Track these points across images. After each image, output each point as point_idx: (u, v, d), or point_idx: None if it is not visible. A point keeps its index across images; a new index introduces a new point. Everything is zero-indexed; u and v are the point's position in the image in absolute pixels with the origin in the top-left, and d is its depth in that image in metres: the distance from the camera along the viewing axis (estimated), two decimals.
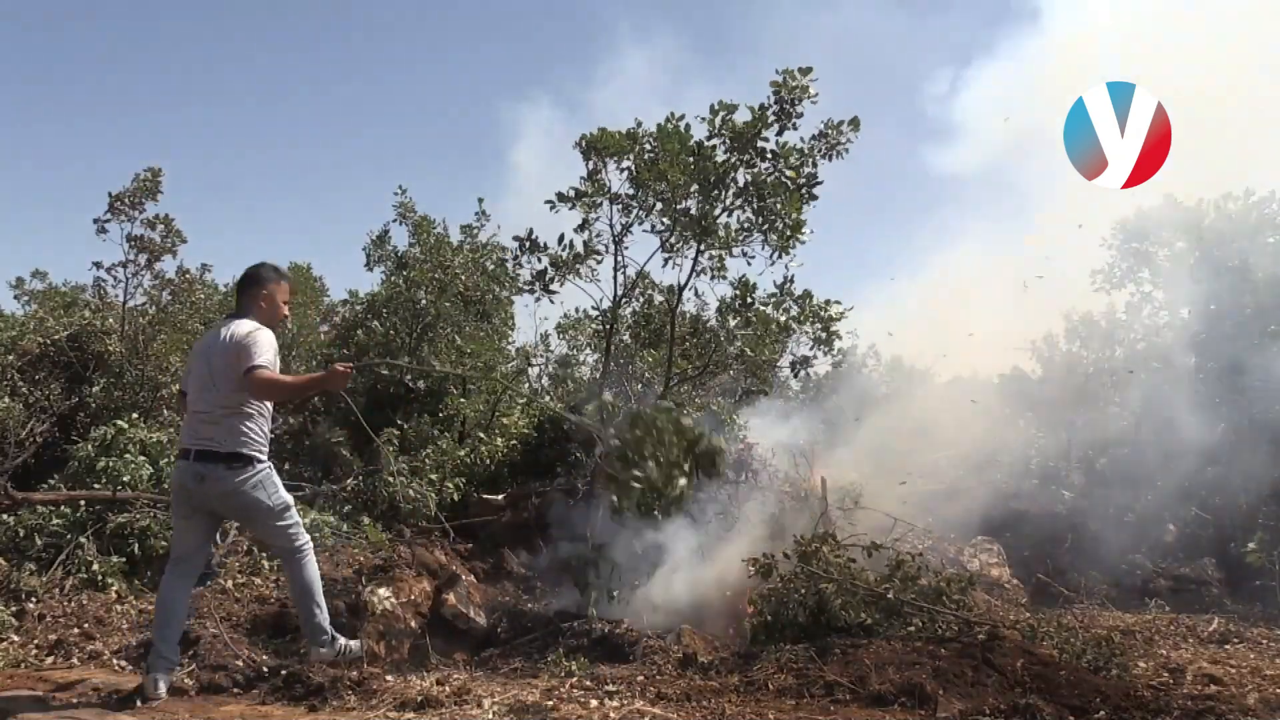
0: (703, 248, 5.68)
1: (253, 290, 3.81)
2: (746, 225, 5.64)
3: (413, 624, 4.68)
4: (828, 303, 5.50)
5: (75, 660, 4.12)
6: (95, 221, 7.60)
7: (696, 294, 6.81)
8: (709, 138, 5.46)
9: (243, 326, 3.67)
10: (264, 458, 3.67)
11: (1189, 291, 9.10)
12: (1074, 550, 7.05)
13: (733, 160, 5.46)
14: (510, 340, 9.64)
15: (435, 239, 8.60)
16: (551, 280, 5.71)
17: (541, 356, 10.08)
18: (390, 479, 6.51)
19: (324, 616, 3.80)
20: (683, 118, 5.48)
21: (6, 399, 6.79)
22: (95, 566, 5.06)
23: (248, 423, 3.64)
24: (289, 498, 3.76)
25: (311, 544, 3.85)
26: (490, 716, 3.31)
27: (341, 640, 3.86)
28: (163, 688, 3.47)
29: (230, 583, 5.10)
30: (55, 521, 5.34)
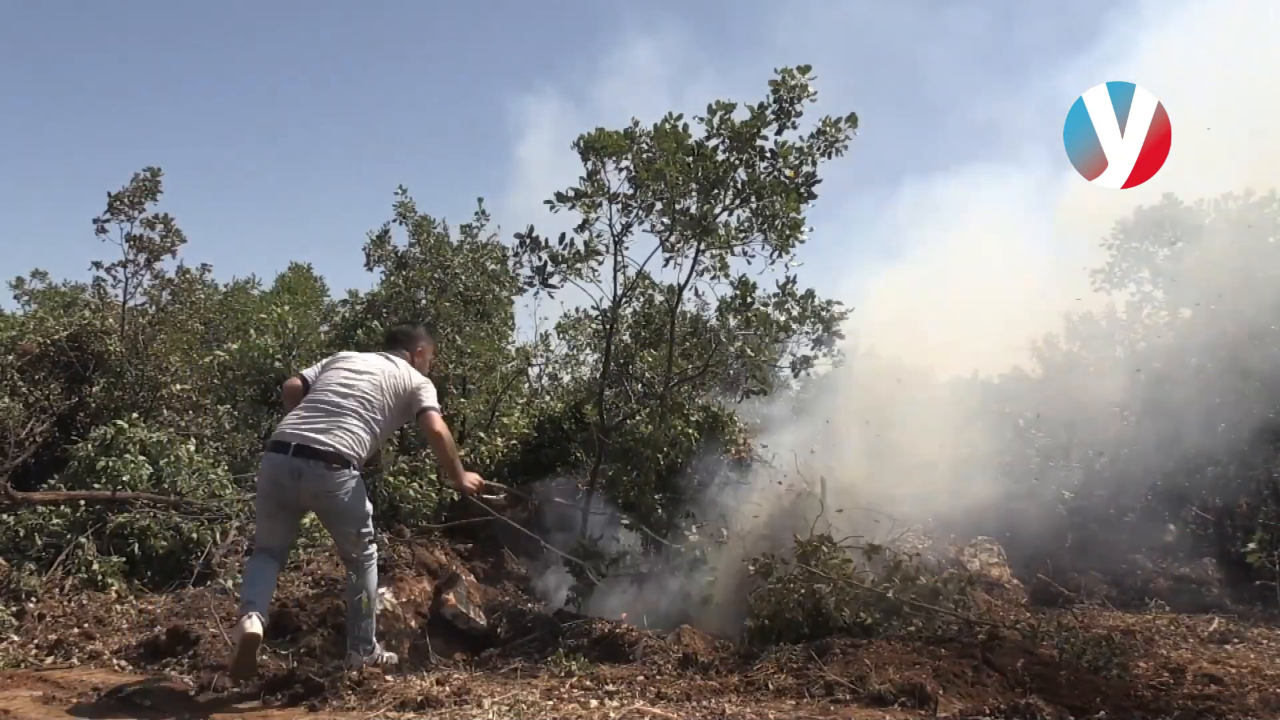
0: (703, 247, 5.68)
1: (420, 345, 4.26)
2: (746, 224, 5.64)
3: (413, 624, 4.68)
4: (829, 303, 5.49)
5: (75, 660, 4.12)
6: (95, 221, 7.62)
7: (697, 294, 6.81)
8: (708, 137, 5.46)
9: (414, 372, 4.04)
10: (360, 469, 3.80)
11: (1189, 291, 9.10)
12: (1074, 550, 7.04)
13: (731, 160, 5.46)
14: (510, 340, 9.65)
15: (435, 239, 8.61)
16: (551, 275, 5.71)
17: (541, 356, 10.09)
18: (390, 479, 6.51)
19: (371, 625, 3.89)
20: (680, 117, 5.48)
21: (6, 399, 6.79)
22: (95, 566, 5.06)
23: (368, 434, 3.78)
24: (371, 509, 3.90)
25: (377, 557, 4.00)
26: (490, 716, 3.31)
27: (379, 649, 3.93)
28: (255, 621, 3.52)
29: (230, 583, 5.10)
30: (55, 521, 5.34)
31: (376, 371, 3.90)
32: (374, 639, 3.91)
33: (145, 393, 7.46)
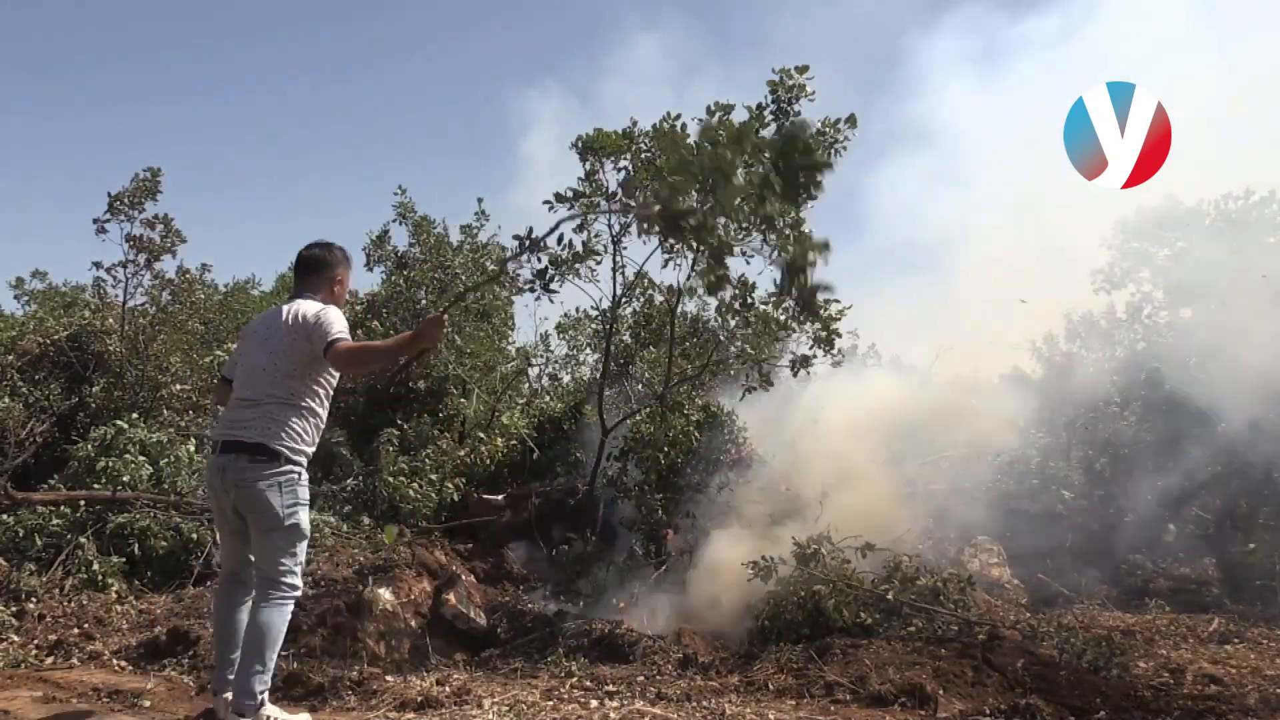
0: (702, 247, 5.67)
1: (323, 273, 3.47)
2: (745, 225, 5.63)
3: (413, 624, 4.68)
4: (828, 302, 5.48)
5: (75, 660, 4.12)
6: (95, 221, 7.61)
7: (697, 294, 6.80)
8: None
9: (308, 305, 3.32)
10: (298, 460, 3.22)
11: (1189, 291, 9.10)
12: (1074, 550, 7.04)
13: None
14: (510, 340, 9.65)
15: (435, 239, 8.61)
16: (551, 279, 5.71)
17: (541, 356, 10.09)
18: (390, 479, 6.51)
19: (265, 681, 3.12)
20: (679, 117, 5.48)
21: (6, 399, 6.79)
22: (95, 566, 5.06)
23: (294, 417, 3.23)
24: (305, 523, 3.24)
25: (297, 596, 3.26)
26: (490, 716, 3.31)
27: (270, 711, 3.15)
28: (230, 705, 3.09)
29: None
30: (55, 521, 5.34)
31: (275, 335, 3.30)
32: (262, 697, 3.12)
33: (145, 393, 7.45)
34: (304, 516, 3.23)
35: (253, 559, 3.26)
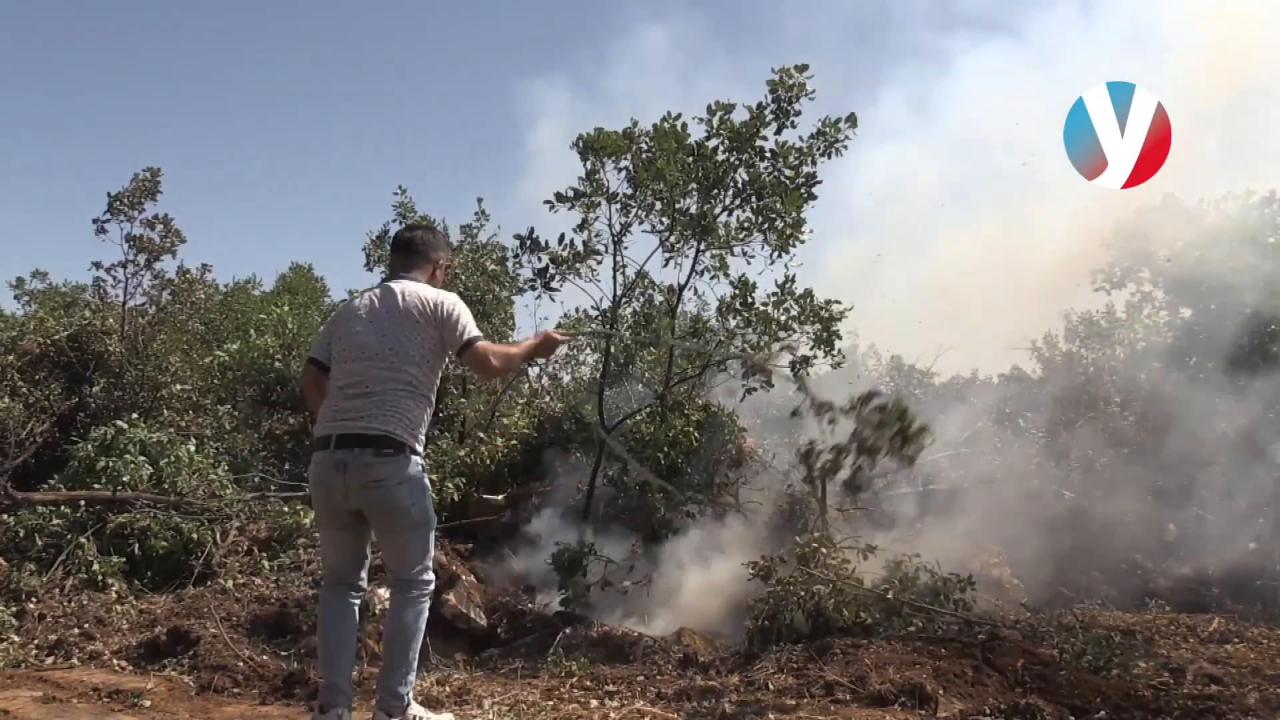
0: (703, 247, 5.68)
1: (428, 254, 3.28)
2: (746, 225, 5.64)
3: None
4: (828, 302, 5.49)
5: (75, 660, 4.12)
6: (95, 222, 7.63)
7: (696, 294, 6.81)
8: (707, 137, 5.46)
9: (428, 291, 3.12)
10: (420, 451, 3.06)
11: (1189, 291, 9.11)
12: (1074, 550, 7.04)
13: (731, 160, 5.46)
14: (510, 340, 9.64)
15: None
16: (552, 278, 5.71)
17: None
18: None
19: (410, 679, 3.03)
20: (679, 117, 5.49)
21: (6, 399, 6.80)
22: (95, 566, 5.06)
23: (414, 406, 3.03)
24: (434, 518, 3.12)
25: (432, 589, 3.14)
26: (490, 716, 3.31)
27: (416, 710, 3.07)
28: None
29: (230, 583, 5.10)
30: (55, 521, 5.34)
31: (390, 319, 3.08)
32: (409, 694, 3.05)
33: (145, 393, 7.46)
34: (431, 507, 3.11)
35: (366, 558, 3.14)
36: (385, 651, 3.08)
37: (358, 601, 3.15)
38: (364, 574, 3.16)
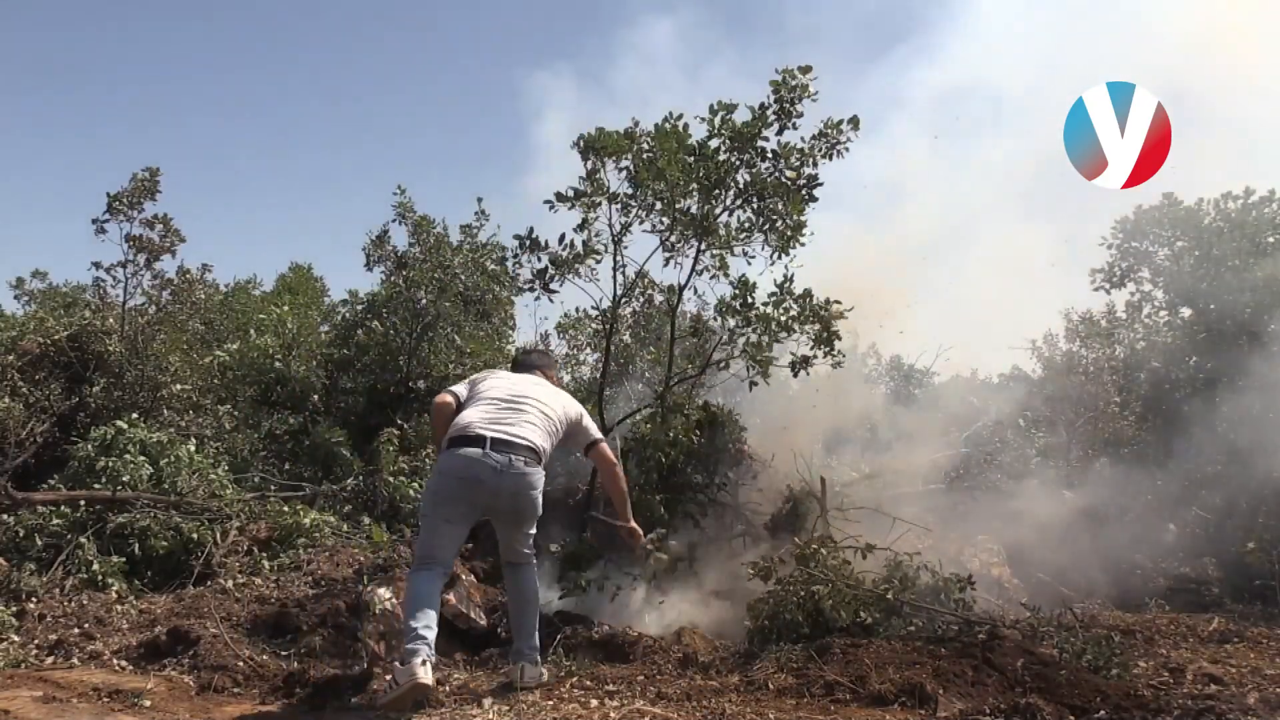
0: (703, 247, 5.67)
1: (553, 371, 4.20)
2: (747, 225, 5.64)
3: None
4: (828, 302, 5.48)
5: (75, 660, 4.11)
6: (94, 222, 7.61)
7: (696, 293, 6.80)
8: (709, 137, 5.46)
9: (572, 402, 3.90)
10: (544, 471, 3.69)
11: (1189, 291, 9.11)
12: (1074, 550, 7.04)
13: (733, 160, 5.45)
14: (510, 340, 9.65)
15: (435, 239, 8.61)
16: (552, 279, 5.71)
17: None
18: (390, 479, 6.51)
19: (538, 634, 3.76)
20: (680, 117, 5.48)
21: (6, 399, 6.79)
22: (95, 566, 5.06)
23: (548, 444, 3.66)
24: None
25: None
26: (490, 716, 3.31)
27: (540, 663, 3.77)
28: (430, 668, 3.27)
29: (230, 583, 5.10)
30: (55, 521, 5.34)
31: (539, 389, 3.81)
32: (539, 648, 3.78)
33: (145, 393, 7.45)
34: None
35: (459, 544, 3.69)
36: (515, 617, 3.76)
37: (444, 581, 3.68)
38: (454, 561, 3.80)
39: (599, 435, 3.89)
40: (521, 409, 3.63)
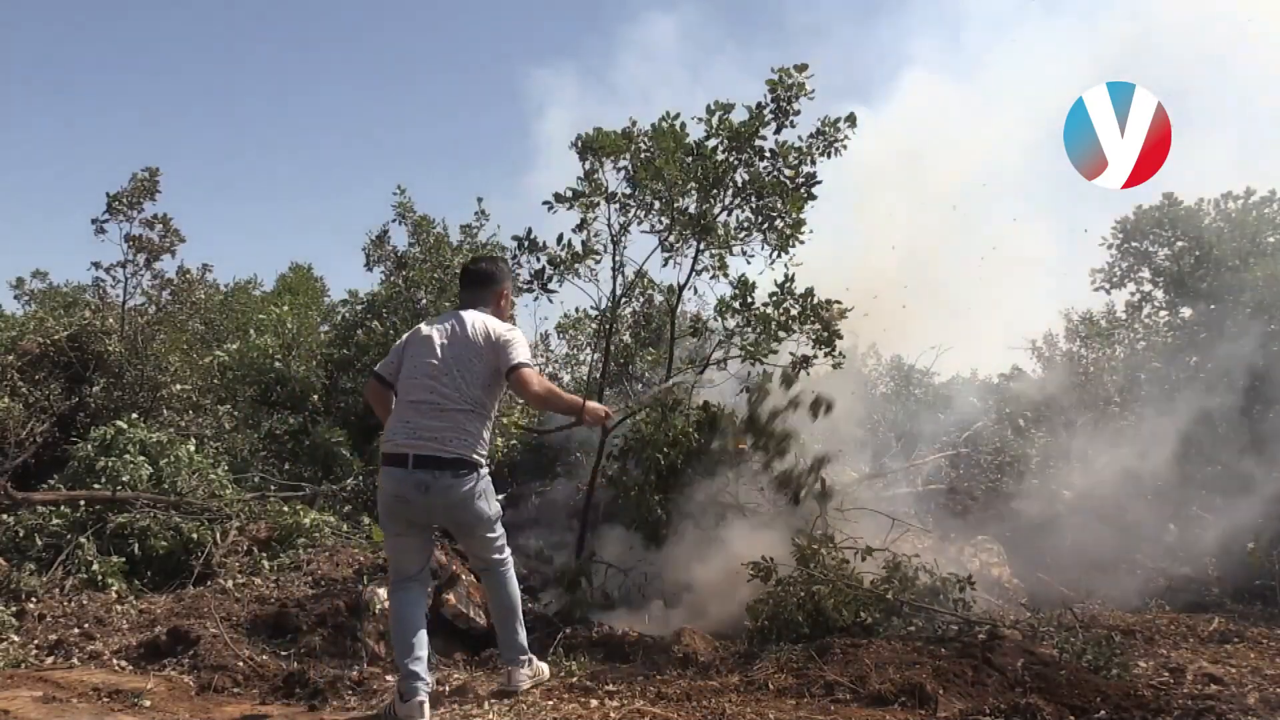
0: (702, 247, 5.67)
1: (493, 287, 3.70)
2: (746, 224, 5.63)
3: None
4: (828, 301, 5.47)
5: (75, 660, 4.12)
6: (94, 222, 7.62)
7: (696, 293, 6.80)
8: (706, 137, 5.45)
9: (495, 322, 3.53)
10: (486, 464, 3.46)
11: (1189, 291, 9.12)
12: (1074, 550, 7.04)
13: (731, 159, 5.45)
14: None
15: (435, 239, 8.61)
16: (550, 280, 5.71)
17: (541, 356, 10.08)
18: None
19: (524, 635, 3.61)
20: (678, 116, 5.48)
21: (6, 399, 6.79)
22: (95, 566, 5.06)
23: (482, 427, 3.41)
24: (500, 508, 3.56)
25: (512, 561, 3.65)
26: (490, 716, 3.31)
27: (536, 661, 3.69)
28: (427, 709, 3.21)
29: (230, 583, 5.10)
30: (55, 521, 5.34)
31: (459, 344, 3.43)
32: (528, 649, 3.63)
33: (145, 393, 7.45)
34: (497, 502, 3.55)
35: (431, 554, 3.65)
36: (496, 624, 3.64)
37: (426, 592, 3.59)
38: (429, 567, 3.61)
39: (519, 359, 3.41)
40: (442, 403, 3.32)
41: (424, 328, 3.58)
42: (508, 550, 3.60)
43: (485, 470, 3.44)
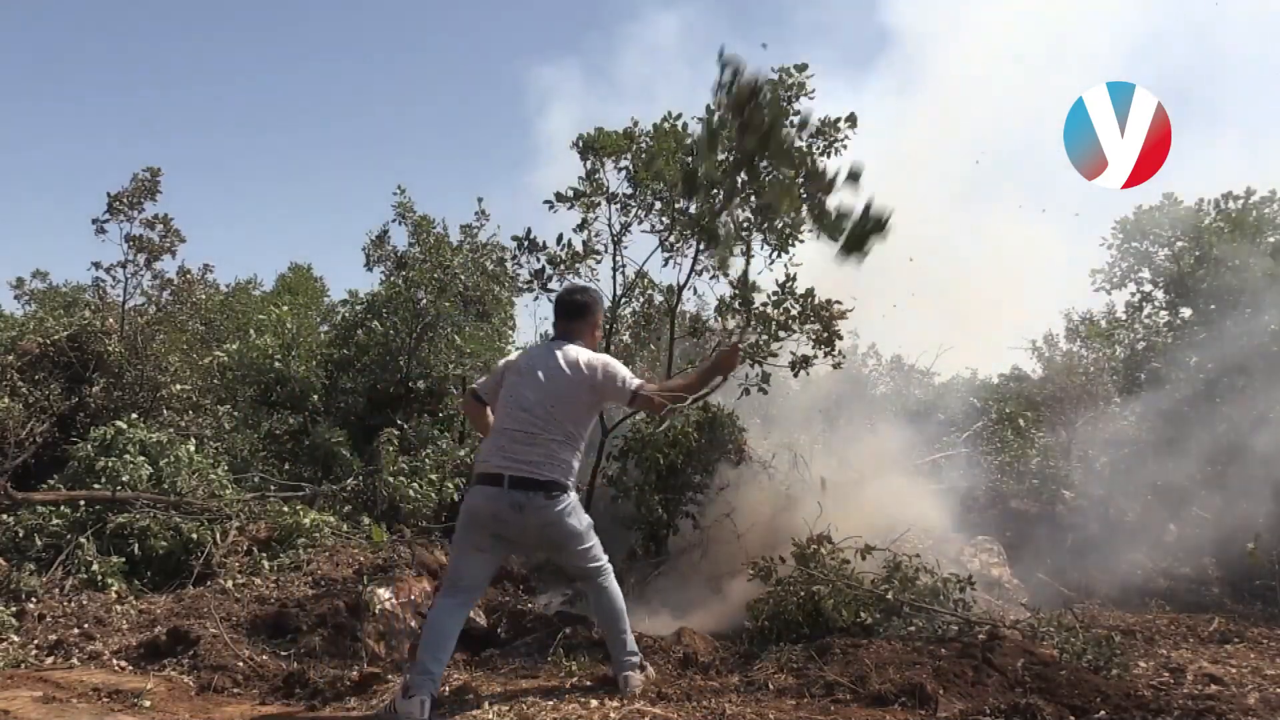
0: (702, 246, 5.67)
1: (588, 319, 3.81)
2: (746, 224, 5.63)
3: (413, 624, 4.68)
4: (829, 301, 5.47)
5: (75, 660, 4.11)
6: (94, 222, 7.62)
7: (696, 293, 6.80)
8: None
9: (591, 355, 3.65)
10: (573, 486, 3.60)
11: (1189, 291, 9.13)
12: (1074, 550, 7.04)
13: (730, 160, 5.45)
14: (511, 340, 9.64)
15: (435, 238, 8.61)
16: (549, 279, 5.71)
17: None
18: (390, 479, 6.50)
19: (631, 638, 3.68)
20: (679, 116, 5.48)
21: (6, 399, 6.79)
22: (95, 566, 5.06)
23: (573, 455, 3.58)
24: (589, 519, 3.67)
25: (609, 568, 3.73)
26: (490, 716, 3.31)
27: (649, 666, 3.75)
28: (428, 708, 3.26)
29: (230, 583, 5.09)
30: (55, 521, 5.34)
31: (556, 380, 3.56)
32: (638, 652, 3.70)
33: (145, 393, 7.45)
34: (587, 516, 3.67)
35: (489, 571, 3.70)
36: (605, 629, 3.73)
37: (471, 607, 3.72)
38: (485, 586, 3.78)
39: (633, 386, 3.58)
40: (535, 432, 3.50)
41: (524, 360, 3.73)
42: (604, 558, 3.68)
43: (573, 493, 3.59)
